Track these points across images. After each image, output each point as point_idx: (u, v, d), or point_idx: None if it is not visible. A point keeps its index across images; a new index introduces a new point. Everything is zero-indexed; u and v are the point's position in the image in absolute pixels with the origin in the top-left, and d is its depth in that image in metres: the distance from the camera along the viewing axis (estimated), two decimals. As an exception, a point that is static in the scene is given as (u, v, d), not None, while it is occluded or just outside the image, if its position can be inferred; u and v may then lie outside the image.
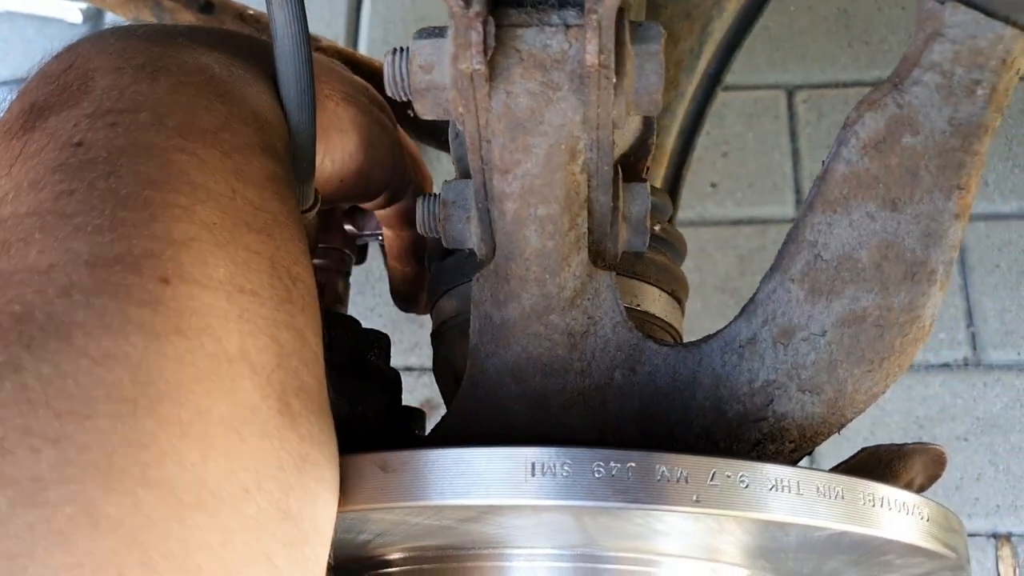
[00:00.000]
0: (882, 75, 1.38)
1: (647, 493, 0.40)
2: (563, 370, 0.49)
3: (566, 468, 0.41)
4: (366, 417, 0.52)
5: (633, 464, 0.41)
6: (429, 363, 0.65)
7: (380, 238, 0.78)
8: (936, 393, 1.20)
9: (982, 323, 1.23)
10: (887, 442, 0.55)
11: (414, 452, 0.42)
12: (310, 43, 0.55)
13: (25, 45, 1.55)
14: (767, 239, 1.30)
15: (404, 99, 0.44)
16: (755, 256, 1.29)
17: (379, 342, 0.60)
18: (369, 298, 1.34)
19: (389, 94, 0.44)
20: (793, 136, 1.35)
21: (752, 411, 0.48)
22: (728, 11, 0.83)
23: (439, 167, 1.39)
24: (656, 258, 0.59)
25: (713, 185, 1.32)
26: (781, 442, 0.49)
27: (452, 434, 0.51)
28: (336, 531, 0.47)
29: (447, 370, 0.62)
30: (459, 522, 0.44)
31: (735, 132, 1.35)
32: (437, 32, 0.44)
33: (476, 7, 0.40)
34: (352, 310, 0.75)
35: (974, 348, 1.23)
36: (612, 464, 0.40)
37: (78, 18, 1.54)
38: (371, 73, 0.82)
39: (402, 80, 0.44)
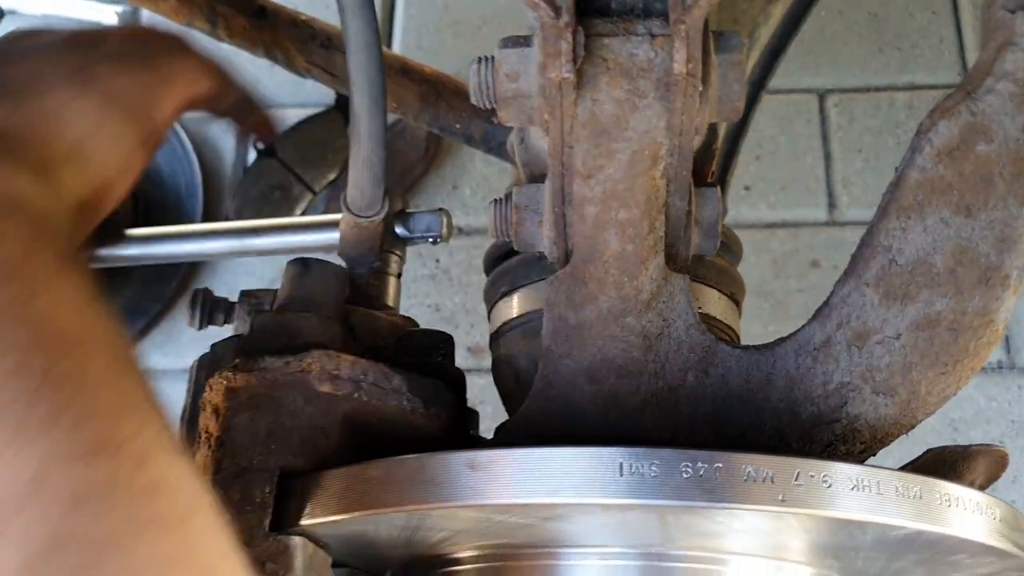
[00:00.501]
0: (914, 79, 1.39)
1: (734, 493, 0.41)
2: (638, 372, 0.50)
3: (654, 468, 0.41)
4: (439, 417, 0.53)
5: (720, 465, 0.41)
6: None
7: (429, 240, 0.79)
8: (971, 396, 1.21)
9: (1016, 326, 1.24)
10: (929, 446, 0.55)
11: (502, 451, 0.43)
12: (382, 52, 0.56)
13: (60, 48, 1.56)
14: (800, 242, 1.31)
15: (488, 107, 0.45)
16: (788, 259, 1.30)
17: (445, 343, 0.61)
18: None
19: (474, 102, 0.45)
20: (825, 139, 1.36)
21: (826, 413, 0.49)
22: (774, 17, 0.84)
23: (471, 168, 1.40)
24: (716, 261, 0.60)
25: (746, 188, 1.33)
26: (852, 443, 0.50)
27: (524, 434, 0.52)
28: (408, 530, 0.49)
29: (508, 371, 0.63)
30: (542, 520, 0.45)
31: (768, 135, 1.36)
32: (523, 41, 0.45)
33: (566, 17, 0.41)
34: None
35: (1008, 351, 1.23)
36: (700, 464, 0.41)
37: (113, 20, 1.56)
38: (425, 79, 0.83)
39: (488, 88, 0.45)
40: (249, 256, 0.87)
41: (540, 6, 0.41)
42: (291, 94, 1.47)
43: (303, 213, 1.38)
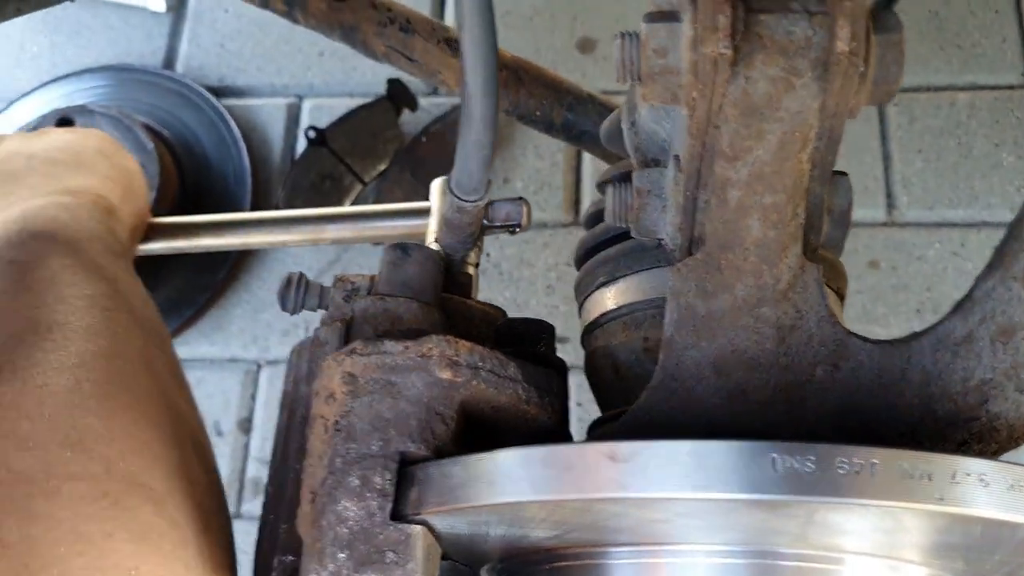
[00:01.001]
0: (975, 79, 1.37)
1: (892, 491, 0.39)
2: (768, 364, 0.48)
3: (809, 464, 0.40)
4: (551, 407, 0.52)
5: (877, 461, 0.40)
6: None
7: (511, 230, 0.78)
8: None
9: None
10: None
11: (646, 442, 0.41)
12: (495, 29, 0.54)
13: (108, 32, 1.55)
14: (858, 243, 1.29)
15: (632, 82, 0.44)
16: (847, 260, 1.28)
17: (547, 332, 0.59)
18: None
19: (617, 79, 0.44)
20: (884, 139, 1.34)
21: (964, 410, 0.47)
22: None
23: (523, 160, 1.38)
24: (824, 254, 0.58)
25: (805, 186, 1.31)
26: (987, 442, 0.48)
27: (644, 426, 0.50)
28: (525, 523, 0.47)
29: (606, 363, 0.61)
30: (677, 516, 0.43)
31: (825, 133, 1.34)
32: (669, 16, 0.43)
33: (725, -10, 0.40)
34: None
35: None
36: (856, 460, 0.40)
37: (161, 6, 1.55)
38: (506, 65, 0.81)
39: (632, 64, 0.43)
40: (324, 243, 0.86)
41: (698, -21, 0.40)
42: (340, 83, 1.46)
43: (353, 203, 1.36)
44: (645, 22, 0.43)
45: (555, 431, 0.53)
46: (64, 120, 1.37)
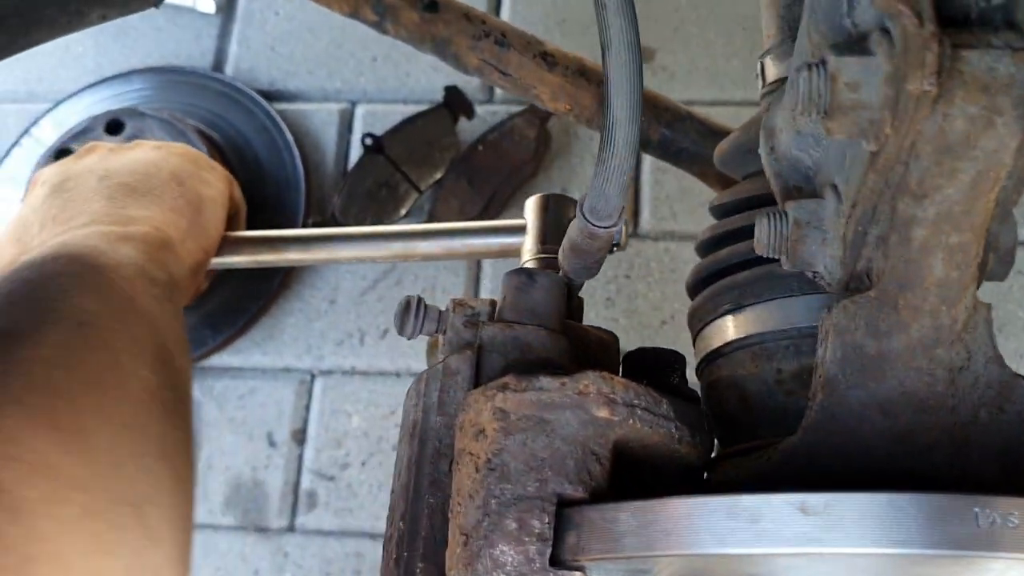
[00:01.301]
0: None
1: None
2: (937, 407, 0.46)
3: (1013, 519, 0.38)
4: (701, 446, 0.50)
5: (1085, 517, 0.38)
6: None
7: (610, 250, 0.76)
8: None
9: None
10: None
11: (837, 495, 0.40)
12: (641, 52, 0.52)
13: (155, 33, 1.54)
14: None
15: (816, 116, 0.42)
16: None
17: (679, 362, 0.57)
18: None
19: (800, 112, 0.42)
20: None
21: None
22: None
23: (580, 171, 1.37)
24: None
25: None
26: None
27: (801, 467, 0.49)
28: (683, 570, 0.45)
29: (732, 394, 0.60)
30: (860, 570, 0.42)
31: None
32: (859, 49, 0.41)
33: (930, 27, 0.38)
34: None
35: None
36: (1063, 517, 0.38)
37: (210, 7, 1.53)
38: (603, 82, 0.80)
39: (820, 97, 0.41)
40: (414, 259, 0.85)
41: (904, 14, 0.38)
42: (393, 89, 1.45)
43: (408, 213, 1.35)
44: (833, 54, 0.41)
45: (701, 469, 0.52)
46: (115, 122, 1.36)
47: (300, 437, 1.26)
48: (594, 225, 0.55)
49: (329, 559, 1.20)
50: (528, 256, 0.77)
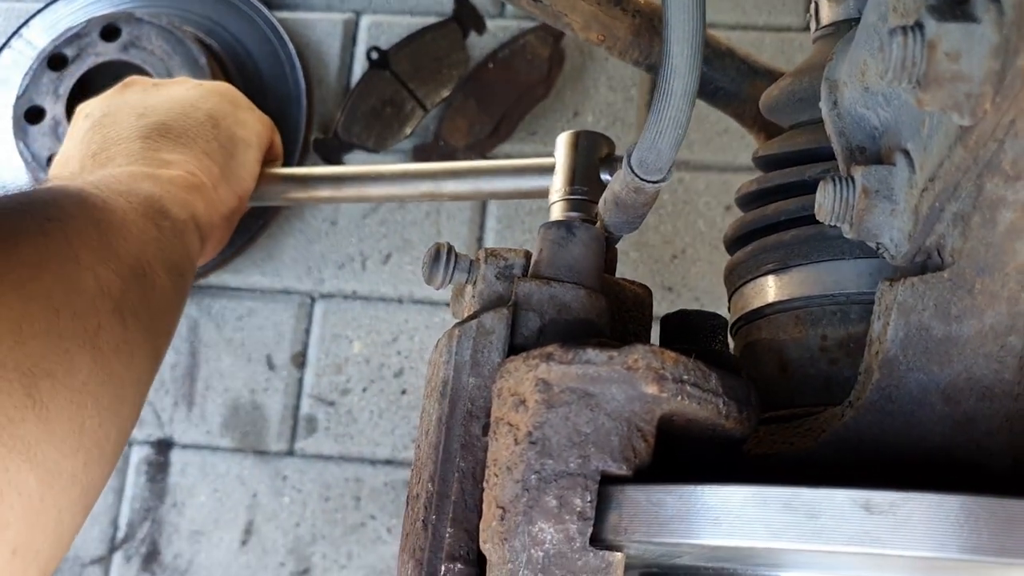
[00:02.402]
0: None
1: None
2: (1002, 395, 0.44)
3: (1095, 527, 0.36)
4: (749, 421, 0.48)
5: None
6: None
7: None
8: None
9: None
10: None
11: (906, 494, 0.37)
12: (705, 21, 0.48)
13: None
14: None
15: (909, 85, 0.38)
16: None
17: (723, 328, 0.55)
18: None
19: (890, 78, 0.38)
20: None
21: None
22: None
23: (594, 93, 1.32)
24: None
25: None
26: None
27: (852, 448, 0.47)
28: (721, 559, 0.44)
29: (770, 358, 0.58)
30: (914, 570, 0.40)
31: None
32: (962, 13, 0.37)
33: (1050, -7, 0.34)
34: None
35: None
36: None
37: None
38: (639, 11, 0.75)
39: (914, 66, 0.38)
40: (441, 200, 0.82)
41: (1024, -22, 0.34)
42: (400, 0, 1.38)
43: (413, 132, 1.30)
44: (933, 18, 0.38)
45: (742, 442, 0.50)
46: (111, 28, 1.29)
47: (300, 361, 1.24)
48: (641, 179, 0.52)
49: (328, 484, 1.19)
50: (556, 197, 0.73)
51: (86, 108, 0.82)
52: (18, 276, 0.49)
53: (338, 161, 1.29)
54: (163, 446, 1.22)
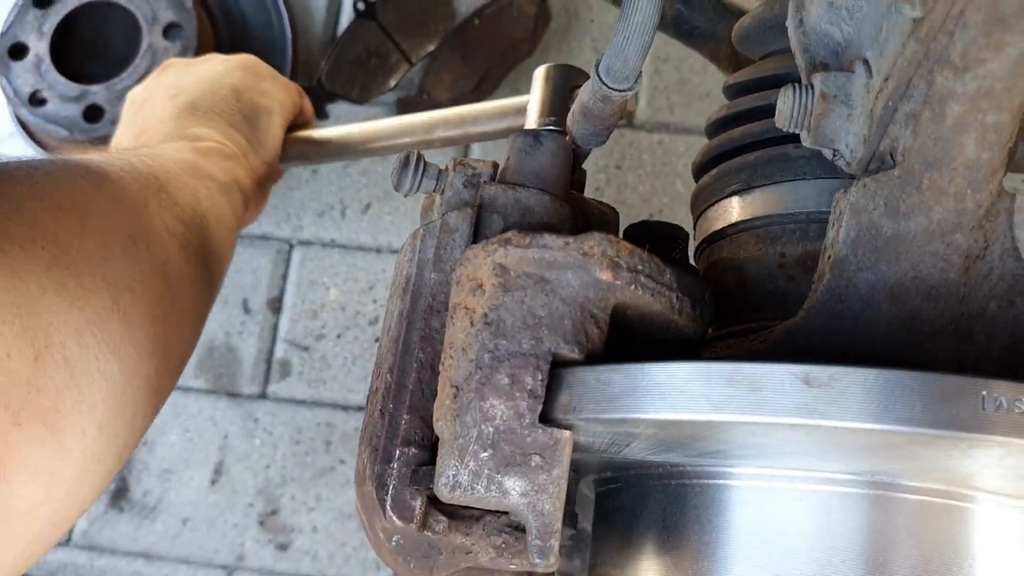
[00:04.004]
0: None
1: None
2: (947, 295, 0.45)
3: (1020, 404, 0.37)
4: (701, 319, 0.49)
5: (1093, 407, 0.37)
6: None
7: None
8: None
9: None
10: None
11: (843, 368, 0.39)
12: None
13: None
14: None
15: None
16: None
17: (683, 237, 0.56)
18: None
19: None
20: None
21: None
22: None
23: (579, 53, 1.32)
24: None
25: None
26: None
27: (801, 347, 0.48)
28: (668, 442, 0.45)
29: (731, 276, 0.59)
30: (856, 449, 0.41)
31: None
32: (918, -97, 0.38)
33: None
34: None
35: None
36: (1071, 405, 0.37)
37: None
38: None
39: (870, -47, 0.39)
40: (435, 147, 0.87)
41: None
42: (390, -46, 1.38)
43: (397, 84, 1.30)
44: (889, -92, 0.39)
45: (696, 343, 0.51)
46: (97, -34, 1.29)
47: (276, 306, 1.24)
48: (609, 87, 0.53)
49: (299, 427, 1.20)
50: (531, 125, 0.74)
51: (131, 95, 0.90)
52: (100, 208, 0.56)
53: (321, 110, 1.30)
54: (136, 385, 1.23)
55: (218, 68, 0.89)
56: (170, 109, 0.82)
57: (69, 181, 0.55)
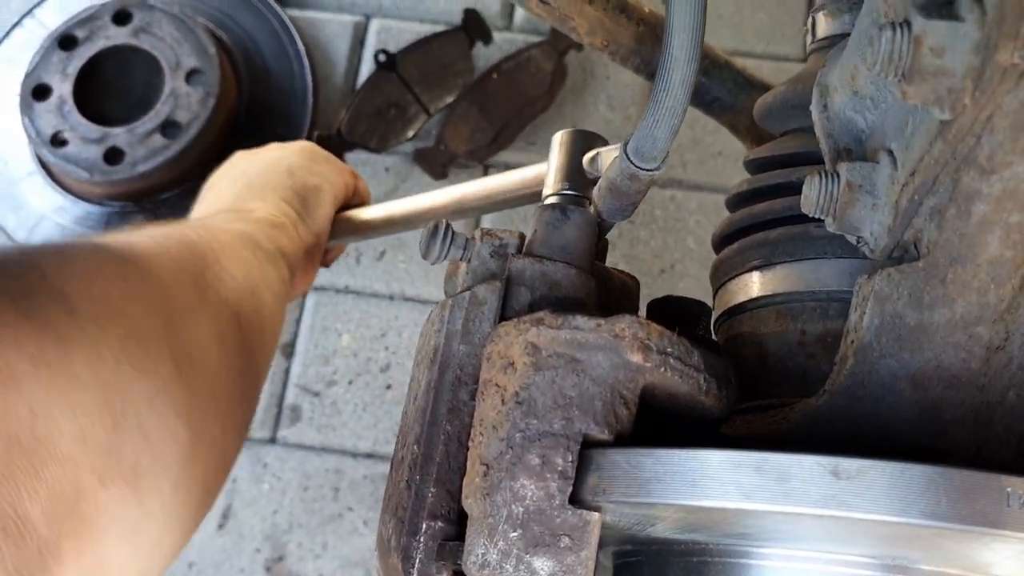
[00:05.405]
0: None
1: None
2: (968, 384, 0.46)
3: (1045, 502, 0.38)
4: (727, 399, 0.50)
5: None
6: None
7: None
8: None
9: None
10: None
11: (871, 461, 0.40)
12: (706, 13, 0.51)
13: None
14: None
15: (895, 78, 0.41)
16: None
17: (707, 314, 0.57)
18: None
19: (877, 70, 0.41)
20: None
21: None
22: None
23: (594, 110, 1.35)
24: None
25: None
26: None
27: (824, 431, 0.48)
28: (693, 525, 0.45)
29: (751, 351, 0.60)
30: (879, 537, 0.42)
31: None
32: (947, 12, 0.40)
33: (1029, -5, 0.37)
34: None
35: None
36: (1096, 505, 0.38)
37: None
38: (643, 20, 0.78)
39: (901, 60, 0.40)
40: (468, 217, 0.92)
41: (1004, -20, 0.37)
42: (410, 7, 1.41)
43: (415, 135, 1.32)
44: (921, 16, 0.40)
45: (720, 421, 0.51)
46: (122, 13, 1.32)
47: (288, 351, 1.25)
48: (637, 166, 0.54)
49: (308, 473, 1.20)
50: (548, 193, 0.76)
51: (207, 182, 0.98)
52: (162, 280, 0.59)
53: (339, 158, 1.31)
54: (146, 427, 1.23)
55: (277, 153, 0.95)
56: (230, 190, 0.89)
57: (132, 256, 0.58)
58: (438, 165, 1.31)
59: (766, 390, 0.58)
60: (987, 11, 0.38)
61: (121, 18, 1.31)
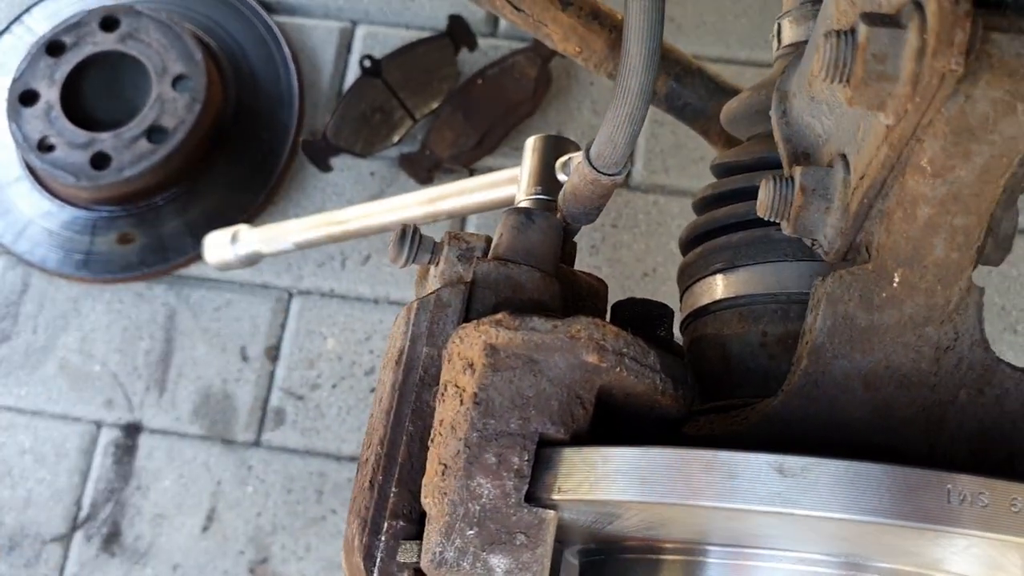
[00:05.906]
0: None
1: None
2: (919, 383, 0.47)
3: (983, 498, 0.39)
4: (684, 399, 0.51)
5: (1051, 503, 0.39)
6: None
7: None
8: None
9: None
10: None
11: (815, 459, 0.40)
12: (663, 22, 0.52)
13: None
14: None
15: (837, 83, 0.42)
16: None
17: (668, 316, 0.58)
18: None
19: (823, 76, 0.42)
20: None
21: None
22: None
23: (578, 115, 1.35)
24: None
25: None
26: None
27: (779, 431, 0.49)
28: (652, 522, 0.46)
29: (715, 352, 0.60)
30: (829, 534, 0.43)
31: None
32: (890, 20, 0.41)
33: (965, 6, 0.38)
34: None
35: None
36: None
37: (216, -91, 1.48)
38: (615, 27, 0.79)
39: (844, 65, 0.41)
40: (440, 220, 0.90)
41: (940, -12, 0.38)
42: (396, 13, 1.42)
43: (400, 140, 1.33)
44: (864, 23, 0.41)
45: (679, 422, 0.52)
46: (110, 19, 1.33)
47: (273, 354, 1.26)
48: (598, 172, 0.55)
49: (292, 476, 1.21)
50: (520, 197, 0.76)
51: None
52: None
53: (325, 163, 1.33)
54: (132, 430, 1.24)
55: None
56: None
57: None
58: (423, 170, 1.32)
59: (729, 391, 0.59)
60: (927, 19, 0.39)
61: (108, 24, 1.32)
